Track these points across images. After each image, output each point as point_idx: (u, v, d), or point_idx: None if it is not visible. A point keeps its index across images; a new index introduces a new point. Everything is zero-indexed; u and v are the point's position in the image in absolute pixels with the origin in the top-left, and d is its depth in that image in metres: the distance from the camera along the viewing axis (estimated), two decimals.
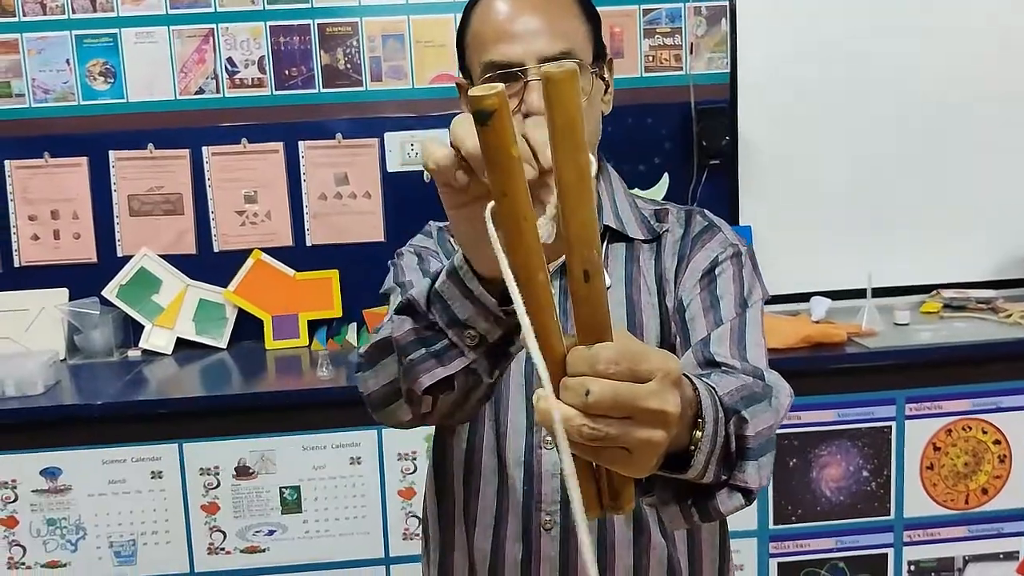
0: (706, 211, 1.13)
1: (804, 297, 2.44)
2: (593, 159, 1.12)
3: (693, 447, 0.71)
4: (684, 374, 0.70)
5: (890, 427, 2.19)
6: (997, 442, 2.22)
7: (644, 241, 1.09)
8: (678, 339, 1.03)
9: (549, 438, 1.04)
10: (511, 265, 0.54)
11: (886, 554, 2.23)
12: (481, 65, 1.03)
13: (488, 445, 1.07)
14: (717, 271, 1.04)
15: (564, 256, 0.54)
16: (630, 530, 1.05)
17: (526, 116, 1.00)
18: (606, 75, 1.08)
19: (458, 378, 0.83)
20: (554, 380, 0.56)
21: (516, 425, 1.06)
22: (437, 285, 0.80)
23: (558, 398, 0.55)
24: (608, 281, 1.05)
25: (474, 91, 0.50)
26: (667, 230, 1.10)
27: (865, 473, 2.20)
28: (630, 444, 0.55)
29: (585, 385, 0.53)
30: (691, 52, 2.56)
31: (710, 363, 0.95)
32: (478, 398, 0.87)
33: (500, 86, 0.50)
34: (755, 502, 0.80)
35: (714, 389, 0.76)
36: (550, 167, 0.63)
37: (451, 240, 1.15)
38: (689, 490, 0.77)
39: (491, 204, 0.56)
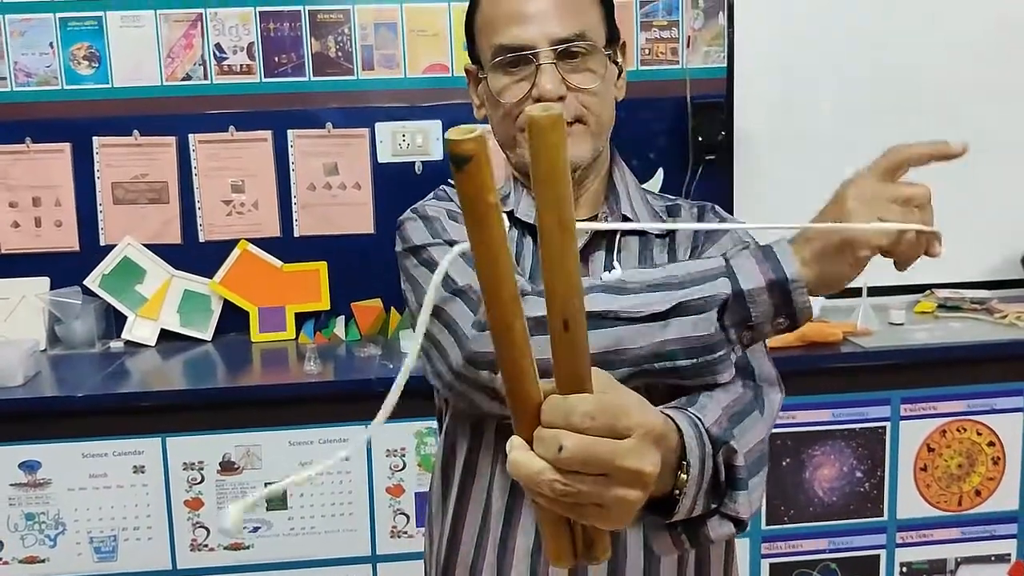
0: (717, 207, 1.11)
1: None
2: (607, 147, 1.11)
3: (678, 491, 0.68)
4: (666, 413, 0.68)
5: (884, 427, 2.17)
6: (991, 444, 2.20)
7: (657, 236, 1.07)
8: None
9: None
10: (489, 316, 0.51)
11: (878, 555, 2.21)
12: (492, 48, 0.99)
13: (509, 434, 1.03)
14: None
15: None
16: (640, 533, 1.02)
17: (537, 101, 0.97)
18: (619, 59, 1.05)
19: None
20: (529, 428, 0.53)
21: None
22: (746, 290, 0.82)
23: (531, 448, 0.52)
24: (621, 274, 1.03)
25: (451, 133, 0.46)
26: None
27: (859, 474, 2.18)
28: (604, 502, 0.52)
29: (559, 440, 0.51)
30: (688, 46, 2.53)
31: None
32: None
33: (479, 128, 0.47)
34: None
35: (700, 422, 0.73)
36: None
37: None
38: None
39: (456, 250, 0.53)
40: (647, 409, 0.54)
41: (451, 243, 1.00)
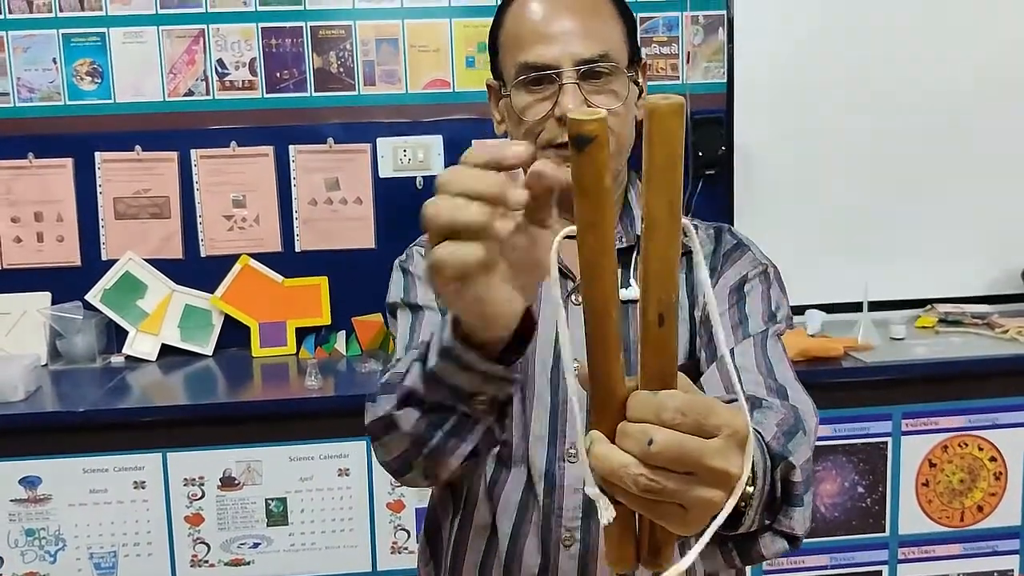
0: (733, 228, 1.13)
1: (799, 310, 2.42)
2: (624, 168, 1.11)
3: (744, 504, 0.68)
4: None
5: (886, 443, 2.17)
6: (993, 459, 2.20)
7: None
8: (703, 353, 1.02)
9: (573, 451, 1.00)
10: (588, 299, 0.51)
11: (880, 571, 2.20)
12: (515, 67, 1.00)
13: (518, 454, 1.03)
14: (746, 288, 1.03)
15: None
16: None
17: (559, 120, 0.98)
18: (640, 79, 1.05)
19: (480, 443, 0.80)
20: (610, 422, 0.52)
21: (539, 436, 1.02)
22: (433, 368, 0.74)
23: (613, 442, 0.52)
24: (638, 293, 1.03)
25: (574, 113, 0.47)
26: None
27: (860, 489, 2.17)
28: (687, 502, 0.51)
29: (648, 433, 0.50)
30: (688, 61, 2.54)
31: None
32: (492, 446, 0.85)
33: (602, 112, 0.47)
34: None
35: (760, 436, 0.73)
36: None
37: None
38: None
39: (564, 232, 0.52)
40: (734, 412, 0.53)
41: (413, 306, 1.05)
